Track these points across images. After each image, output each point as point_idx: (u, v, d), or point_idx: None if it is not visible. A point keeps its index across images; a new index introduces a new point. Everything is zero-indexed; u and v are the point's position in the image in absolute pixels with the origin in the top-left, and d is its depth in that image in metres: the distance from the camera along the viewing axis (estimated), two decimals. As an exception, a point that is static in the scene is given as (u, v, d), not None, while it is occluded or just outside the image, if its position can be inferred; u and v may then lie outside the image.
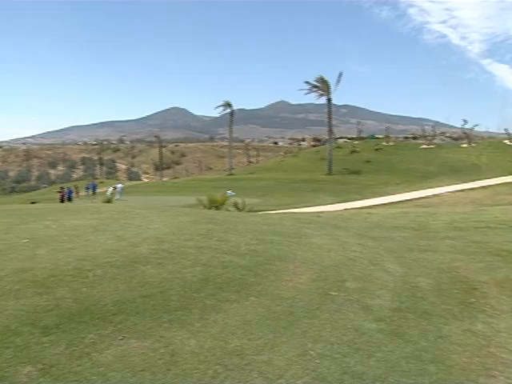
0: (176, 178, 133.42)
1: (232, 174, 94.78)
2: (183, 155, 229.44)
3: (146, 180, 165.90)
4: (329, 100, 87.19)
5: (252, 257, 9.30)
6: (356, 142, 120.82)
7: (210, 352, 5.57)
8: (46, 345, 5.40)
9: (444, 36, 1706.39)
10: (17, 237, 9.96)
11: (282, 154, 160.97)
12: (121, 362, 5.19)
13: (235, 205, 29.66)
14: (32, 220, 12.28)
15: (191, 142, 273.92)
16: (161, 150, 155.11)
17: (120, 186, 61.84)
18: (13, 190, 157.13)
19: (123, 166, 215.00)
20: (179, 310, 6.58)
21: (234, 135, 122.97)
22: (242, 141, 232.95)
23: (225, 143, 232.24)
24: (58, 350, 5.31)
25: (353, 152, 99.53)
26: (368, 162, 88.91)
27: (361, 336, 6.29)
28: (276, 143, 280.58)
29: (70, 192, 53.90)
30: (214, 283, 7.64)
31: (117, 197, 54.38)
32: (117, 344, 5.57)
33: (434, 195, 48.56)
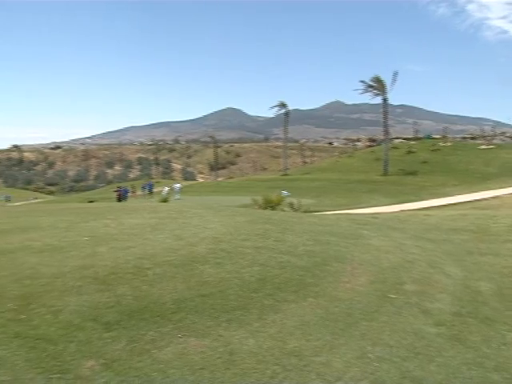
0: (231, 178, 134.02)
1: (287, 175, 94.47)
2: (238, 155, 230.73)
3: (200, 180, 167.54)
4: (384, 100, 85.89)
5: (309, 257, 9.26)
6: (412, 143, 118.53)
7: (268, 352, 5.57)
8: (108, 340, 5.52)
9: (505, 32, 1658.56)
10: (78, 235, 10.19)
11: (336, 154, 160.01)
12: (180, 360, 5.25)
13: (291, 205, 29.56)
14: (92, 218, 12.55)
15: (246, 143, 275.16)
16: (216, 151, 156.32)
17: (178, 185, 62.45)
18: (71, 189, 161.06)
19: (178, 166, 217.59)
20: (237, 309, 6.61)
21: (289, 135, 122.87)
22: (296, 141, 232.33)
23: (279, 143, 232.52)
24: (120, 346, 5.42)
25: (409, 152, 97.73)
26: (424, 162, 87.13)
27: (420, 340, 6.19)
28: (331, 143, 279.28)
29: (126, 192, 54.70)
30: (272, 283, 7.65)
31: (176, 196, 55.03)
32: (176, 342, 5.64)
33: (494, 197, 47.17)
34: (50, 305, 6.30)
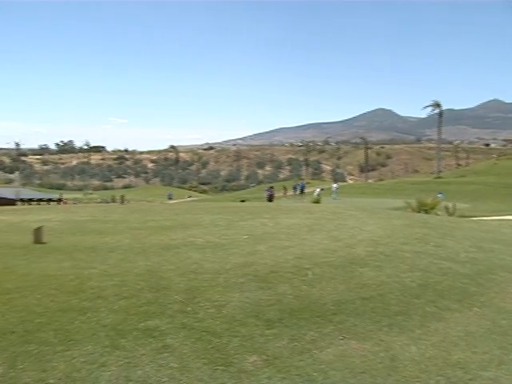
0: (381, 180, 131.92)
1: (440, 177, 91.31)
2: (388, 157, 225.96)
3: (350, 181, 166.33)
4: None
5: (472, 265, 8.85)
6: None
7: (431, 361, 5.37)
8: (270, 337, 5.60)
9: None
10: (237, 233, 10.50)
11: (494, 156, 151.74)
12: (341, 362, 5.21)
13: (446, 209, 28.49)
14: (249, 217, 12.87)
15: (397, 144, 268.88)
16: (366, 152, 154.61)
17: (336, 185, 62.55)
18: (223, 189, 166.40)
19: (328, 167, 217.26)
20: (399, 314, 6.45)
21: (442, 136, 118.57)
22: (450, 142, 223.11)
23: (432, 145, 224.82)
24: (281, 344, 5.48)
25: None
26: None
27: None
28: (487, 145, 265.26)
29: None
30: (434, 290, 7.39)
31: (333, 196, 55.23)
32: (337, 343, 5.60)
33: None
34: (214, 299, 6.54)
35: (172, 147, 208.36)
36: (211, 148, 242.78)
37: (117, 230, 11.57)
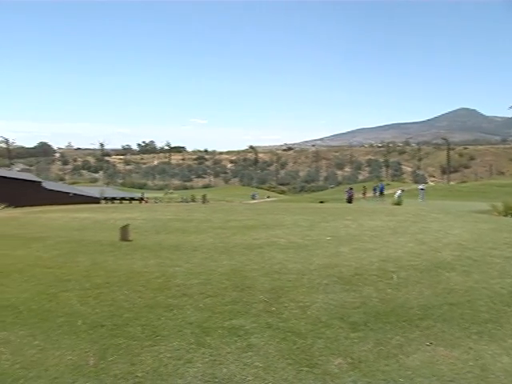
0: (464, 182, 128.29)
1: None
2: (472, 158, 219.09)
3: (431, 183, 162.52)
4: None
5: None
6: None
7: (525, 373, 5.14)
8: (355, 340, 5.53)
9: None
10: (320, 234, 10.46)
11: None
12: (428, 368, 5.07)
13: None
14: (331, 219, 12.81)
15: (481, 145, 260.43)
16: (448, 153, 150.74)
17: (422, 186, 61.19)
18: (302, 189, 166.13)
19: (409, 169, 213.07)
20: (489, 322, 6.21)
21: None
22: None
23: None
24: (366, 347, 5.40)
25: None
26: None
27: None
28: None
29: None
30: (527, 298, 7.08)
31: (420, 197, 54.19)
32: (424, 349, 5.46)
33: None
34: (298, 300, 6.54)
35: (251, 148, 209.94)
36: (290, 149, 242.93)
37: (200, 229, 11.76)
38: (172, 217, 14.45)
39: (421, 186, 61.27)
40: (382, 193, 63.08)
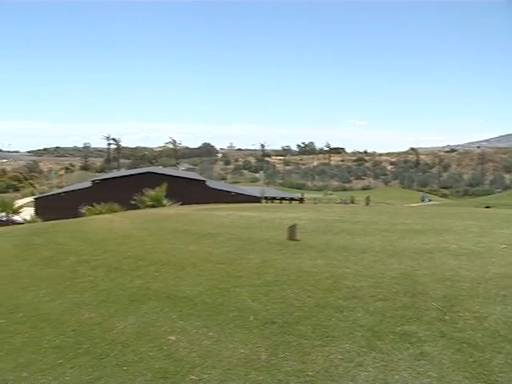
0: None
1: None
2: None
3: None
4: None
5: None
6: None
7: None
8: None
9: None
10: (493, 241, 9.95)
11: None
12: None
13: None
14: (505, 225, 12.19)
15: None
16: None
17: None
18: (465, 193, 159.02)
19: None
20: None
21: None
22: None
23: None
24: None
25: None
26: None
27: None
28: None
29: None
30: None
31: None
32: None
33: None
34: (474, 310, 6.23)
35: (412, 149, 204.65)
36: (453, 150, 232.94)
37: (366, 231, 11.64)
38: (337, 218, 14.41)
39: None
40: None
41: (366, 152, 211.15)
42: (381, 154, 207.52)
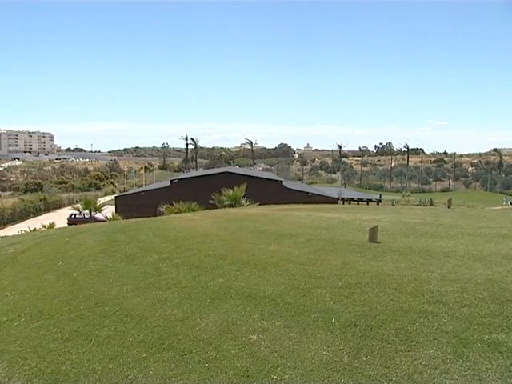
0: None
1: None
2: None
3: None
4: None
5: None
6: None
7: None
8: None
9: None
10: None
11: None
12: None
13: None
14: None
15: None
16: None
17: None
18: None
19: None
20: None
21: None
22: None
23: None
24: None
25: None
26: None
27: None
28: None
29: None
30: None
31: None
32: None
33: None
34: None
35: (495, 150, 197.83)
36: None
37: (450, 234, 11.33)
38: (418, 220, 14.08)
39: None
40: None
41: (445, 153, 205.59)
42: (461, 155, 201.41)
